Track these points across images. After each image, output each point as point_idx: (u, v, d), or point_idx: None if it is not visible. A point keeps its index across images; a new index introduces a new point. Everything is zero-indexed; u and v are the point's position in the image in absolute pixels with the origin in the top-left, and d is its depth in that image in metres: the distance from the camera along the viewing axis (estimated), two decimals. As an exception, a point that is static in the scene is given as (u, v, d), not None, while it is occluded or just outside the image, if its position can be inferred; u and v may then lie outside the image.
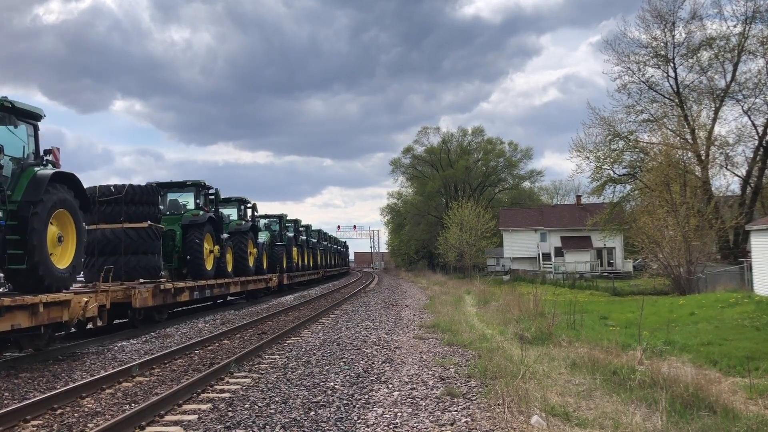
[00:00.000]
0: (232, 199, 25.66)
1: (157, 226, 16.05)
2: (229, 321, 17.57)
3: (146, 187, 16.10)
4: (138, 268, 15.38)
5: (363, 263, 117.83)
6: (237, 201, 25.81)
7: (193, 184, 20.19)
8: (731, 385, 9.49)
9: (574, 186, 75.97)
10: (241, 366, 10.06)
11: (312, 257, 41.88)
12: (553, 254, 58.31)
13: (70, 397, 7.82)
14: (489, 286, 31.98)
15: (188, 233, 18.78)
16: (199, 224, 18.89)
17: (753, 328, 15.69)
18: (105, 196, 15.37)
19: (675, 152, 37.01)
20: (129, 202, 15.46)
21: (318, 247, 45.73)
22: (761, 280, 24.45)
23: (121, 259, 14.98)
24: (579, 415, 6.75)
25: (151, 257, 15.78)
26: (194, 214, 19.17)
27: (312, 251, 42.00)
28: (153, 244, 15.75)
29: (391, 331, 14.80)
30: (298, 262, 35.49)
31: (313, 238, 45.99)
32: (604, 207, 45.08)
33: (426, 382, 8.70)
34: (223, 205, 24.12)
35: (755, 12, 37.50)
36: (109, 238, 15.18)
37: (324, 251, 49.83)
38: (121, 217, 15.26)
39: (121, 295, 13.79)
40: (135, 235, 15.30)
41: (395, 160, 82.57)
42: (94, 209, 14.58)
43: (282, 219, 34.38)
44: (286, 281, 30.83)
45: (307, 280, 39.46)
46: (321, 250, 47.47)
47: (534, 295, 18.69)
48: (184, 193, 20.41)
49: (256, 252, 24.85)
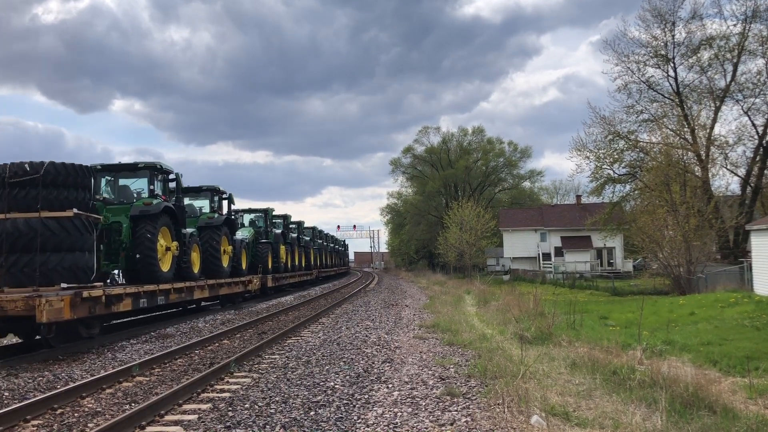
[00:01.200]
0: (203, 188, 22.19)
1: (90, 216, 12.68)
2: (229, 321, 17.57)
3: (73, 167, 12.47)
4: (60, 270, 11.94)
5: (363, 263, 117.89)
6: (209, 190, 22.23)
7: (146, 167, 16.57)
8: (731, 385, 9.49)
9: (574, 186, 75.99)
10: (241, 366, 10.06)
11: (304, 257, 38.57)
12: (553, 254, 58.31)
13: (70, 396, 7.82)
14: (489, 285, 32.01)
15: (138, 226, 15.34)
16: (152, 215, 15.41)
17: (753, 328, 15.70)
18: (17, 176, 12.01)
19: (675, 152, 37.04)
20: (49, 184, 12.05)
21: (311, 246, 42.54)
22: (761, 279, 24.45)
23: (37, 257, 11.73)
24: (579, 414, 6.76)
25: (80, 256, 12.24)
26: (146, 203, 15.64)
27: (304, 250, 38.76)
28: (82, 238, 12.26)
29: (391, 330, 14.81)
30: (287, 262, 32.06)
31: (306, 236, 43.03)
32: (604, 207, 45.10)
33: (426, 381, 8.70)
34: (193, 195, 21.71)
35: (755, 12, 37.57)
36: (21, 230, 11.76)
37: (318, 250, 46.34)
38: (38, 203, 11.92)
39: (21, 306, 10.69)
40: (56, 226, 11.93)
41: (395, 159, 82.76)
42: (3, 193, 11.93)
43: (268, 214, 30.64)
44: (271, 283, 27.47)
45: (299, 281, 36.10)
46: (315, 248, 44.21)
47: (534, 295, 18.69)
48: (136, 179, 16.83)
49: (231, 250, 21.54)
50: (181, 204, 17.80)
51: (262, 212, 30.71)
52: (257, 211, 31.01)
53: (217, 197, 22.41)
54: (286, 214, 35.70)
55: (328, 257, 52.99)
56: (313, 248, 43.29)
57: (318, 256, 45.47)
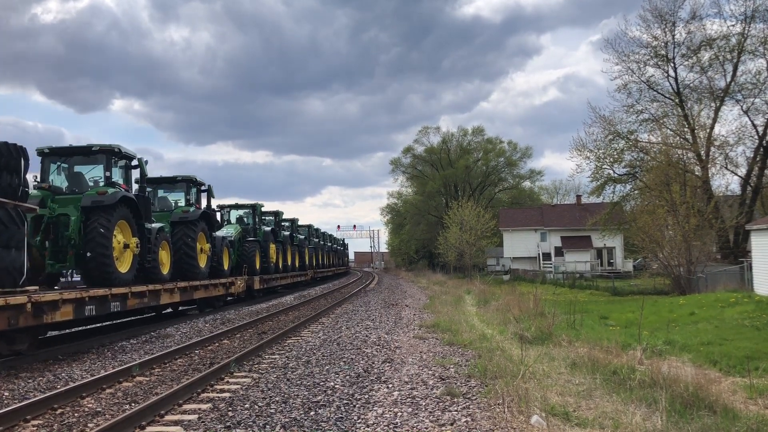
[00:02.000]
0: (177, 178, 19.60)
1: (20, 206, 10.86)
2: (229, 321, 17.57)
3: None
4: None
5: (363, 263, 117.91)
6: (184, 181, 19.50)
7: (102, 150, 14.26)
8: (731, 385, 9.49)
9: (574, 186, 76.00)
10: (241, 366, 10.06)
11: (298, 256, 36.12)
12: (553, 254, 58.33)
13: (70, 396, 7.82)
14: (489, 285, 32.03)
15: (90, 219, 13.19)
16: (107, 207, 13.20)
17: (753, 328, 15.70)
18: None
19: (675, 152, 37.05)
20: None
21: (306, 245, 39.94)
22: (761, 279, 24.44)
23: None
24: (579, 414, 6.76)
25: (4, 253, 10.23)
26: (101, 192, 13.37)
27: (298, 249, 36.36)
28: (7, 232, 10.29)
29: (391, 330, 14.80)
30: (278, 262, 29.81)
31: (301, 234, 40.48)
32: (604, 207, 45.09)
33: (426, 381, 8.70)
34: (167, 187, 19.54)
35: (754, 12, 37.54)
36: None
37: (314, 249, 43.92)
38: None
39: None
40: None
41: (395, 159, 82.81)
42: None
43: (256, 210, 28.26)
44: (258, 285, 25.15)
45: (291, 283, 33.79)
46: (310, 248, 41.63)
47: (534, 295, 18.70)
48: (91, 165, 14.65)
49: (210, 248, 19.33)
50: (144, 194, 15.52)
51: (250, 208, 28.39)
52: (245, 207, 28.62)
53: (195, 189, 19.67)
54: (278, 210, 33.37)
55: (325, 257, 50.68)
56: (309, 247, 41.00)
57: (314, 255, 43.25)
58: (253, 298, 25.60)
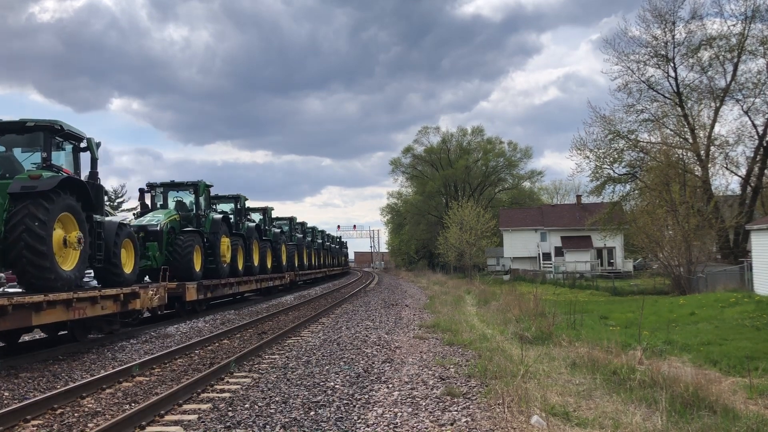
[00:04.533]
0: (28, 123, 12.00)
1: None
2: (229, 321, 17.57)
3: None
4: None
5: (363, 263, 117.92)
6: (40, 130, 11.91)
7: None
8: (731, 385, 9.49)
9: (574, 185, 75.98)
10: (241, 366, 10.06)
11: (271, 255, 27.80)
12: (553, 254, 58.34)
13: (70, 396, 7.81)
14: (489, 285, 32.05)
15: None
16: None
17: (753, 328, 15.72)
18: None
19: (675, 152, 37.07)
20: None
21: (282, 241, 31.37)
22: (761, 279, 24.45)
23: None
24: (579, 414, 6.76)
25: None
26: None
27: (272, 246, 28.20)
28: None
29: (391, 330, 14.81)
30: (236, 262, 22.62)
31: (277, 228, 32.91)
32: (604, 207, 45.12)
33: (426, 381, 8.70)
34: (12, 140, 12.11)
35: (755, 11, 37.58)
36: None
37: (297, 247, 34.89)
38: None
39: None
40: None
41: (395, 159, 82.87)
42: None
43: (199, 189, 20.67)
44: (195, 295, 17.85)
45: (258, 288, 25.93)
46: (291, 245, 33.59)
47: (534, 295, 18.71)
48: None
49: (79, 238, 12.31)
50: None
51: (191, 187, 20.85)
52: (184, 187, 21.04)
53: (62, 143, 12.45)
54: (239, 194, 25.40)
55: (314, 256, 41.18)
56: (288, 244, 32.64)
57: (298, 255, 34.26)
58: (192, 315, 18.46)
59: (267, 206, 31.51)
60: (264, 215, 30.99)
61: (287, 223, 37.18)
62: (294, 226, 25.78)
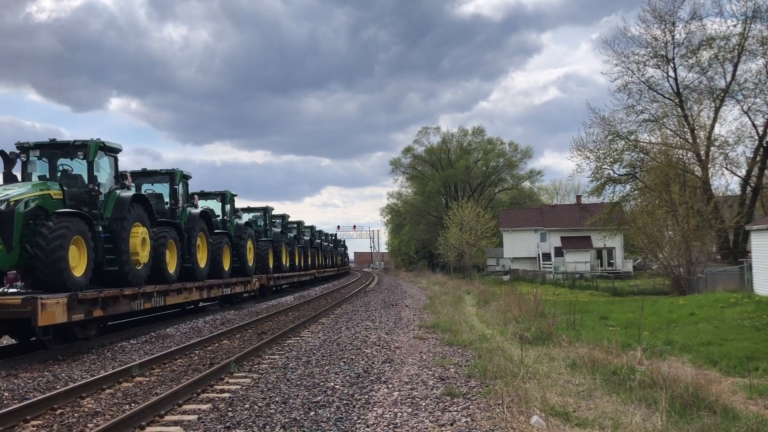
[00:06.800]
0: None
1: None
2: (229, 321, 17.57)
3: None
4: None
5: (363, 263, 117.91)
6: None
7: None
8: (731, 385, 9.50)
9: (574, 186, 75.93)
10: (241, 366, 10.06)
11: (253, 254, 24.74)
12: (553, 254, 58.35)
13: (70, 397, 7.82)
14: (489, 286, 32.02)
15: None
16: None
17: (753, 328, 15.72)
18: None
19: (675, 152, 37.07)
20: None
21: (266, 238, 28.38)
22: (761, 280, 24.46)
23: None
24: (579, 415, 6.76)
25: None
26: None
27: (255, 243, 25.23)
28: None
29: (391, 331, 14.81)
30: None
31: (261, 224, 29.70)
32: (604, 207, 45.15)
33: (426, 382, 8.71)
34: None
35: (755, 12, 37.56)
36: None
37: (287, 245, 31.79)
38: None
39: None
40: None
41: (395, 160, 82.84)
42: None
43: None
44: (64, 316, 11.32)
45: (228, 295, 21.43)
46: (276, 242, 29.63)
47: (534, 295, 18.69)
48: None
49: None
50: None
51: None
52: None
53: None
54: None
55: (298, 256, 35.60)
56: (274, 242, 29.15)
57: (274, 254, 28.87)
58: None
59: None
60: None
61: (261, 215, 30.83)
62: (270, 218, 22.42)
